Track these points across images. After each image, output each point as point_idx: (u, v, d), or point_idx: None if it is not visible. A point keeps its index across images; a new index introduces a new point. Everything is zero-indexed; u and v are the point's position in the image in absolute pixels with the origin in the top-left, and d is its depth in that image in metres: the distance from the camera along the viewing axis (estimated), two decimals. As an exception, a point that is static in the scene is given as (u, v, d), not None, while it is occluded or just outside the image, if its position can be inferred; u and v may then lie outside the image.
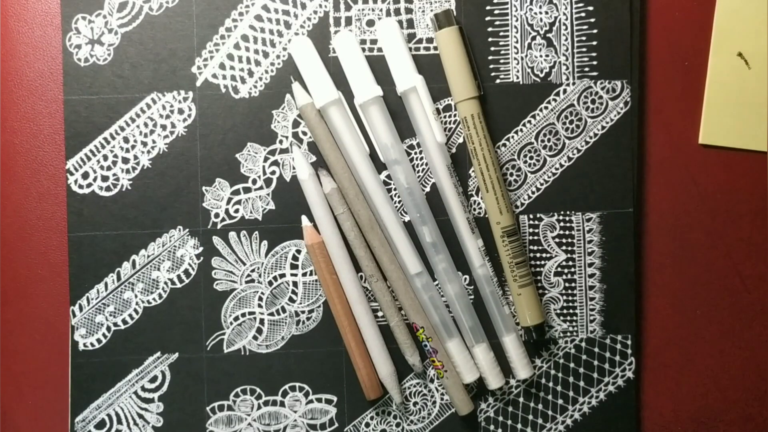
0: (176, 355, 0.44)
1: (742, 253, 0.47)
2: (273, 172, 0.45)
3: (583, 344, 0.46)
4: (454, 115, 0.45)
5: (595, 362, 0.46)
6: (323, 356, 0.45)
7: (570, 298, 0.46)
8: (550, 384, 0.46)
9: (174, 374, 0.44)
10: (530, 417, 0.45)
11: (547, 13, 0.45)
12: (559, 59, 0.45)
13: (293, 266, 0.45)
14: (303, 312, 0.45)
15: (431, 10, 0.45)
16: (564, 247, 0.46)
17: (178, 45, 0.44)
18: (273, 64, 0.45)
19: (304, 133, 0.45)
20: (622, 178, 0.45)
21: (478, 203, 0.45)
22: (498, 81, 0.45)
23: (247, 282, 0.45)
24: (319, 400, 0.45)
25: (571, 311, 0.46)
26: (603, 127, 0.45)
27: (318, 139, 0.44)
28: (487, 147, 0.44)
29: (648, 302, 0.46)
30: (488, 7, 0.45)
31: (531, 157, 0.45)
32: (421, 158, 0.45)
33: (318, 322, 0.45)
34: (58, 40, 0.45)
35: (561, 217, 0.46)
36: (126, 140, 0.44)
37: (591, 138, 0.45)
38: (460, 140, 0.45)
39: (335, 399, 0.45)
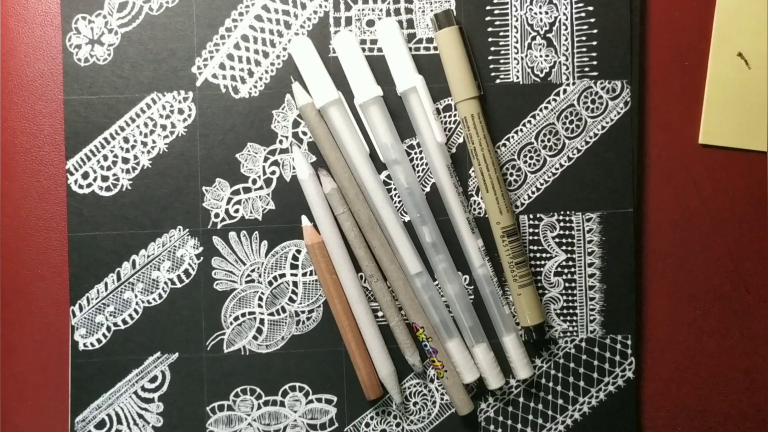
0: (176, 355, 0.44)
1: (742, 253, 0.47)
2: (273, 172, 0.45)
3: (583, 344, 0.46)
4: (454, 115, 0.45)
5: (595, 362, 0.46)
6: (323, 356, 0.45)
7: (570, 298, 0.46)
8: (550, 384, 0.46)
9: (174, 374, 0.44)
10: (530, 417, 0.46)
11: (547, 13, 0.45)
12: (559, 59, 0.45)
13: (293, 266, 0.45)
14: (303, 312, 0.45)
15: (431, 10, 0.45)
16: (564, 247, 0.46)
17: (178, 45, 0.44)
18: (273, 64, 0.45)
19: (304, 133, 0.45)
20: (622, 178, 0.45)
21: (478, 203, 0.45)
22: (498, 81, 0.45)
23: (247, 282, 0.45)
24: (319, 400, 0.45)
25: (571, 311, 0.46)
26: (603, 127, 0.45)
27: (318, 139, 0.44)
28: (487, 147, 0.44)
29: (648, 302, 0.46)
30: (488, 7, 0.45)
31: (531, 157, 0.45)
32: (421, 158, 0.45)
33: (318, 322, 0.45)
34: (58, 40, 0.45)
35: (561, 217, 0.46)
36: (126, 140, 0.44)
37: (591, 138, 0.45)
38: (460, 140, 0.45)
39: (335, 399, 0.45)
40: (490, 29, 0.45)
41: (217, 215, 0.44)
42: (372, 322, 0.44)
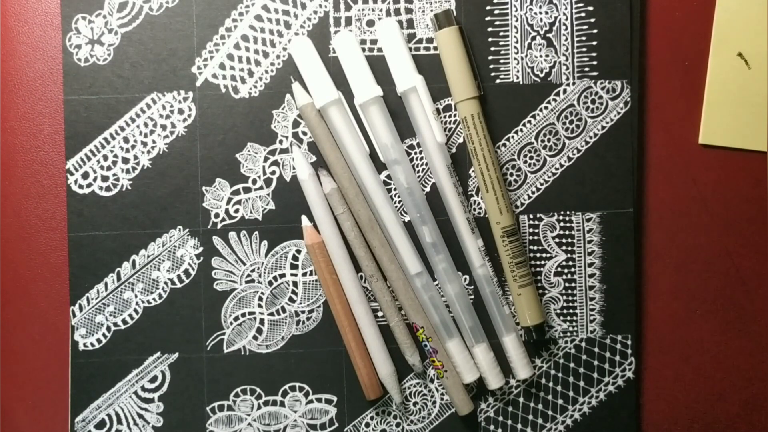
0: (176, 355, 0.44)
1: (742, 253, 0.47)
2: (273, 172, 0.45)
3: (583, 344, 0.46)
4: (454, 115, 0.45)
5: (595, 362, 0.46)
6: (323, 356, 0.45)
7: (570, 298, 0.46)
8: (550, 384, 0.46)
9: (174, 374, 0.44)
10: (530, 417, 0.46)
11: (547, 13, 0.45)
12: (559, 59, 0.45)
13: (293, 266, 0.45)
14: (303, 312, 0.45)
15: (431, 10, 0.45)
16: (564, 247, 0.46)
17: (178, 45, 0.44)
18: (273, 64, 0.45)
19: (304, 133, 0.45)
20: (622, 178, 0.45)
21: (478, 203, 0.45)
22: (498, 81, 0.45)
23: (247, 282, 0.45)
24: (319, 400, 0.45)
25: (571, 311, 0.46)
26: (603, 127, 0.45)
27: (318, 139, 0.44)
28: (487, 147, 0.44)
29: (648, 302, 0.46)
30: (488, 7, 0.45)
31: (531, 157, 0.45)
32: (421, 158, 0.45)
33: (318, 322, 0.45)
34: (58, 40, 0.45)
35: (561, 217, 0.46)
36: (126, 140, 0.44)
37: (591, 138, 0.45)
38: (460, 140, 0.45)
39: (335, 399, 0.45)
40: (490, 29, 0.45)
41: (217, 215, 0.44)
42: (372, 322, 0.44)
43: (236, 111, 0.44)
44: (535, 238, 0.45)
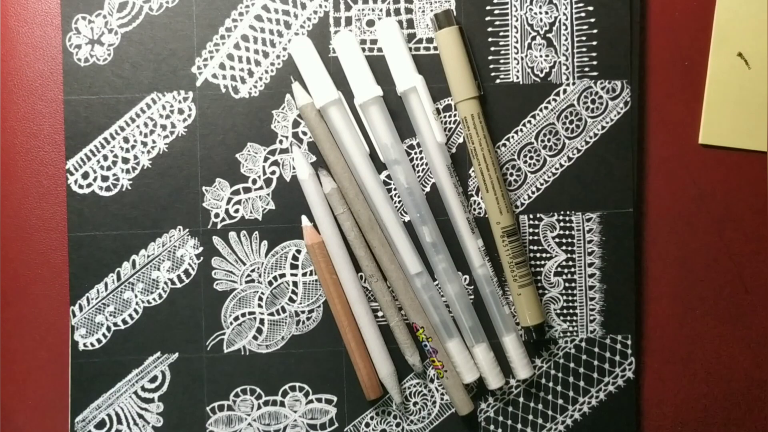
0: (176, 355, 0.44)
1: (742, 253, 0.47)
2: (273, 172, 0.45)
3: (583, 344, 0.46)
4: (454, 115, 0.45)
5: (595, 362, 0.46)
6: (323, 356, 0.45)
7: (570, 298, 0.46)
8: (550, 384, 0.46)
9: (174, 374, 0.44)
10: (530, 417, 0.46)
11: (547, 13, 0.45)
12: (559, 59, 0.45)
13: (293, 266, 0.45)
14: (303, 312, 0.45)
15: (431, 10, 0.45)
16: (564, 247, 0.46)
17: (178, 45, 0.44)
18: (273, 64, 0.45)
19: (304, 133, 0.45)
20: (622, 178, 0.45)
21: (478, 203, 0.45)
22: (498, 81, 0.45)
23: (247, 282, 0.45)
24: (319, 400, 0.45)
25: (571, 311, 0.46)
26: (603, 127, 0.45)
27: (318, 139, 0.44)
28: (487, 147, 0.44)
29: (648, 302, 0.46)
30: (488, 7, 0.45)
31: (531, 157, 0.45)
32: (421, 158, 0.45)
33: (318, 322, 0.45)
34: (58, 40, 0.45)
35: (561, 217, 0.46)
36: (126, 140, 0.44)
37: (591, 138, 0.45)
38: (460, 140, 0.45)
39: (335, 399, 0.45)
40: (490, 29, 0.45)
41: (217, 215, 0.44)
42: (372, 322, 0.44)
43: (236, 111, 0.44)
44: (535, 238, 0.45)
